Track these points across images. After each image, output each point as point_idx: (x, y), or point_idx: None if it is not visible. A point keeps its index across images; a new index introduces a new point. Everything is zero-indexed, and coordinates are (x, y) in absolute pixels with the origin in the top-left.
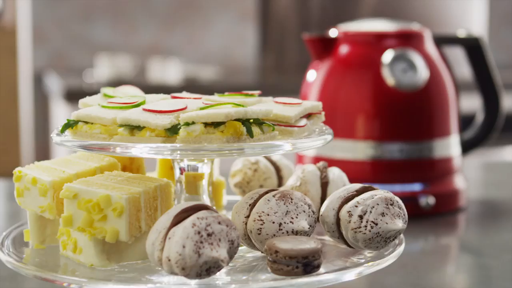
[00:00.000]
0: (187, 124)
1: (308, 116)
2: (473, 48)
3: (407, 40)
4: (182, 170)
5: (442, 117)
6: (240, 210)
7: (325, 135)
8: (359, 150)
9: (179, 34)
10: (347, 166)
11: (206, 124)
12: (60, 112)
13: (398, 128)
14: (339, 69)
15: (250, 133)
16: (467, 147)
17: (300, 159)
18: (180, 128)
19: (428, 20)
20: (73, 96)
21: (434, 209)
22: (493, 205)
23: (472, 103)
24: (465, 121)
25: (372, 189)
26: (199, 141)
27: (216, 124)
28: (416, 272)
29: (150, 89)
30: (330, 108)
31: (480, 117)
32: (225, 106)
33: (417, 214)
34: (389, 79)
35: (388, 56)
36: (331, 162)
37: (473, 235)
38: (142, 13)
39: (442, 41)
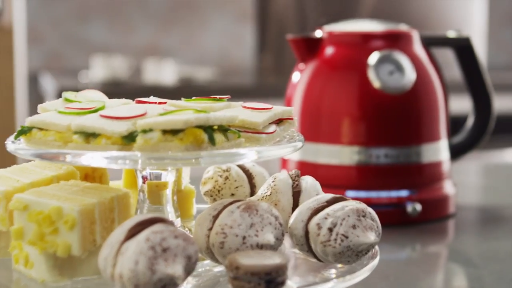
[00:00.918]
0: (144, 131)
1: (279, 122)
2: (463, 48)
3: (394, 41)
4: (144, 179)
5: (430, 121)
6: (203, 222)
7: (295, 142)
8: (345, 155)
9: (176, 35)
10: (332, 172)
11: (165, 132)
12: None
13: (385, 132)
14: (323, 71)
15: (212, 141)
16: (457, 152)
17: (284, 164)
18: (137, 135)
19: (428, 21)
20: None
21: (421, 216)
22: (484, 211)
23: (467, 105)
24: (461, 123)
25: (344, 199)
26: (157, 150)
27: (175, 132)
28: (401, 282)
29: (145, 90)
30: (315, 112)
31: (470, 121)
32: (186, 112)
33: (404, 221)
34: (375, 82)
35: (373, 57)
36: (316, 167)
37: (463, 243)
38: (138, 13)
39: (431, 42)
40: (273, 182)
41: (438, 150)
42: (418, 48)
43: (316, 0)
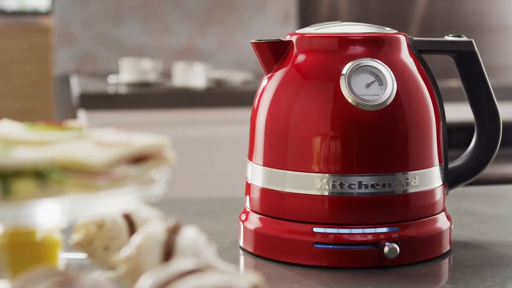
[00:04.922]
0: None
1: (142, 159)
2: (463, 55)
3: (375, 47)
4: None
5: (418, 143)
6: None
7: (147, 188)
8: (314, 183)
9: (213, 36)
10: (300, 203)
11: None
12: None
13: (363, 157)
14: (290, 83)
15: (5, 192)
16: (455, 179)
17: (247, 190)
18: None
19: (482, 24)
20: (94, 98)
21: (406, 258)
22: (485, 249)
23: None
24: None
25: (211, 271)
26: None
27: None
28: None
29: (174, 92)
30: (280, 131)
31: (472, 142)
32: None
33: (383, 264)
34: (348, 96)
35: (348, 66)
36: (282, 197)
37: None
38: (174, 14)
39: (424, 48)
40: (141, 238)
41: (429, 178)
42: (404, 55)
43: (366, 1)
